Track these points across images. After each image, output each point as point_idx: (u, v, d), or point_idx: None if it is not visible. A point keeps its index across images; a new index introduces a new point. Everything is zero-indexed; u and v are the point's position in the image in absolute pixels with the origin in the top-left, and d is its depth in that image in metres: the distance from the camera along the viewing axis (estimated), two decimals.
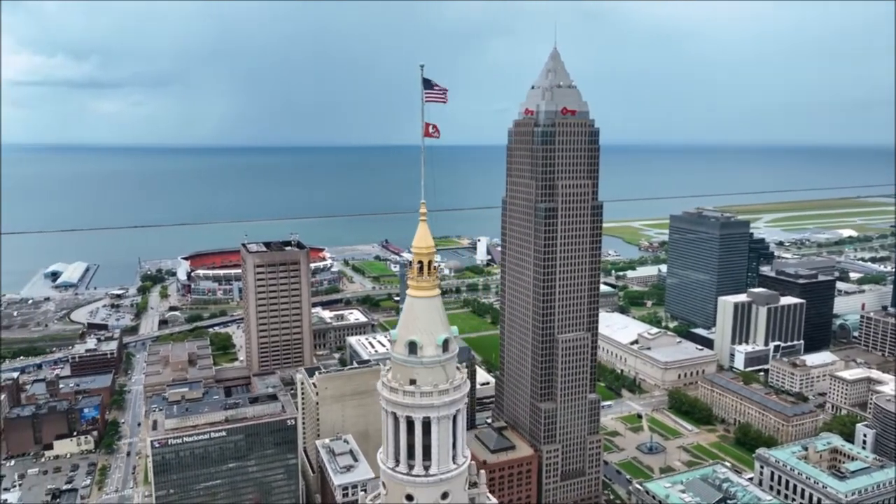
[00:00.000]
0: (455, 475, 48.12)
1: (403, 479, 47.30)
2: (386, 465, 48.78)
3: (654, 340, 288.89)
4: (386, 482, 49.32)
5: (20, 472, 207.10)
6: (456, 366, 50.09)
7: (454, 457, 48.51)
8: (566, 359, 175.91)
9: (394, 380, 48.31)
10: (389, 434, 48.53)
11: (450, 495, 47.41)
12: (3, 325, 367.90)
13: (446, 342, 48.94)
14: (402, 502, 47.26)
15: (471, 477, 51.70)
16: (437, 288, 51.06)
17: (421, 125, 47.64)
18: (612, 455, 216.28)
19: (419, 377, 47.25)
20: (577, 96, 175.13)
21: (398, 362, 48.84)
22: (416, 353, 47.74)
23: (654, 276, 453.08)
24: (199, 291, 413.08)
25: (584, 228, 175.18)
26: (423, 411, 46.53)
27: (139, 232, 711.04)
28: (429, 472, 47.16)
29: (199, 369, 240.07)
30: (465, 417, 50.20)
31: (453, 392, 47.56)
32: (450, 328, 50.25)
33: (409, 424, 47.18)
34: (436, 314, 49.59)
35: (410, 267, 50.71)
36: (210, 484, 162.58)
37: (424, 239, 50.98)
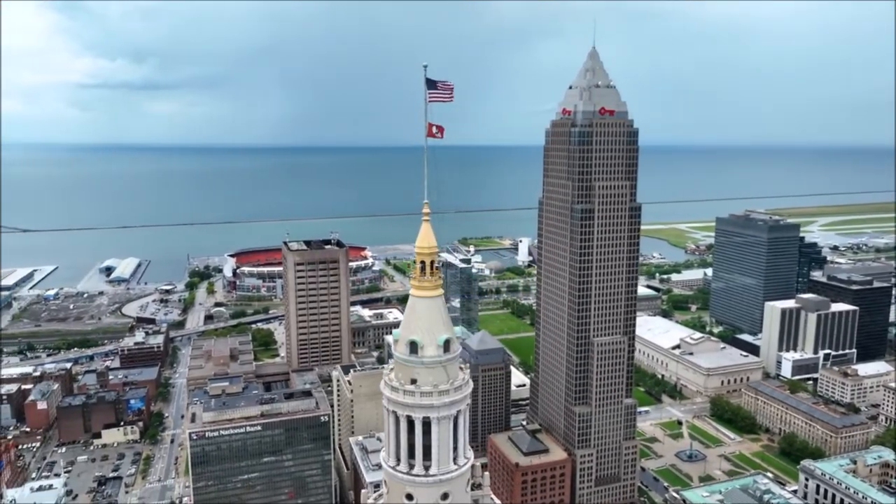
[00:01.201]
0: (455, 476, 47.94)
1: (403, 478, 47.39)
2: (387, 464, 48.98)
3: (696, 345, 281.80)
4: (387, 481, 49.53)
5: (70, 459, 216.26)
6: (459, 366, 49.88)
7: (455, 458, 48.33)
8: (602, 362, 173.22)
9: (395, 379, 48.46)
10: (391, 433, 48.68)
11: (450, 496, 47.26)
12: (60, 317, 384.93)
13: (447, 342, 48.78)
14: (402, 502, 47.38)
15: (475, 479, 51.46)
16: (439, 288, 50.94)
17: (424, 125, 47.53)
18: (649, 461, 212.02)
19: (420, 377, 47.26)
20: (615, 96, 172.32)
21: (399, 362, 48.97)
22: (416, 352, 47.76)
23: (700, 280, 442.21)
24: (243, 288, 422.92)
25: (621, 230, 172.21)
26: (423, 411, 46.50)
27: (189, 229, 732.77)
28: (429, 473, 47.11)
29: (241, 364, 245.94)
30: (467, 418, 49.93)
31: (454, 393, 47.38)
32: (452, 329, 50.08)
33: (410, 424, 47.23)
34: (437, 314, 49.49)
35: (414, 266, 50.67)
36: (247, 477, 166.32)
37: (427, 239, 50.97)
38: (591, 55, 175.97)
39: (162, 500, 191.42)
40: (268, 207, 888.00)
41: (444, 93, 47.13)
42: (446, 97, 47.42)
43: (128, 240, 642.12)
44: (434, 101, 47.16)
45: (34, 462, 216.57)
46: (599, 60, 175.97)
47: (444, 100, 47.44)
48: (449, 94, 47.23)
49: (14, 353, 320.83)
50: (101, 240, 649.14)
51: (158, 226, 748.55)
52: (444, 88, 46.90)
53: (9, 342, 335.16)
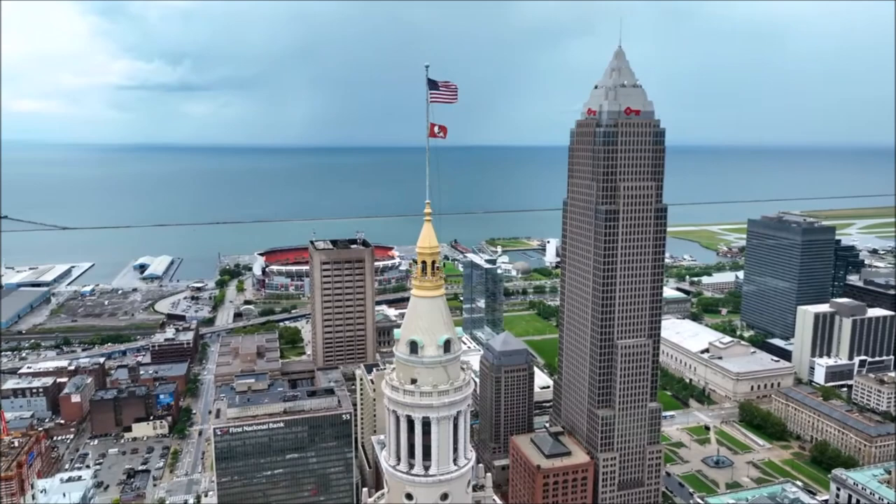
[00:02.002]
0: (455, 477, 47.80)
1: (403, 477, 47.44)
2: (388, 464, 49.08)
3: (726, 350, 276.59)
4: (388, 480, 49.63)
5: (101, 452, 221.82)
6: (461, 367, 49.71)
7: (455, 458, 48.19)
8: (625, 365, 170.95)
9: (396, 378, 48.50)
10: (391, 432, 48.76)
11: (450, 496, 47.15)
12: (96, 313, 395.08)
13: (448, 343, 48.64)
14: (402, 501, 47.44)
15: (478, 480, 51.24)
16: (440, 288, 50.85)
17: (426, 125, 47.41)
18: (675, 466, 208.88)
19: (420, 377, 47.25)
20: (641, 96, 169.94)
21: (400, 361, 49.03)
22: (416, 352, 47.75)
23: (731, 283, 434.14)
24: (272, 286, 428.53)
25: (646, 232, 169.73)
26: (423, 411, 46.47)
27: (221, 228, 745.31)
28: (428, 473, 47.07)
29: (267, 361, 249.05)
30: (467, 419, 49.73)
31: (454, 393, 47.25)
32: (453, 329, 49.92)
33: (410, 424, 47.27)
34: (438, 315, 49.39)
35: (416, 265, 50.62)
36: (271, 473, 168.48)
37: (429, 239, 50.93)
38: (616, 54, 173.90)
39: (188, 493, 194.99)
40: (297, 207, 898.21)
41: (446, 93, 46.93)
42: (449, 98, 47.22)
43: (162, 238, 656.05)
44: (435, 101, 47.02)
45: (68, 453, 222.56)
46: (625, 60, 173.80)
47: (447, 100, 47.25)
48: (452, 94, 47.02)
49: (51, 346, 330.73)
50: (136, 238, 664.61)
51: (191, 224, 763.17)
52: (447, 89, 46.70)
53: (47, 336, 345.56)
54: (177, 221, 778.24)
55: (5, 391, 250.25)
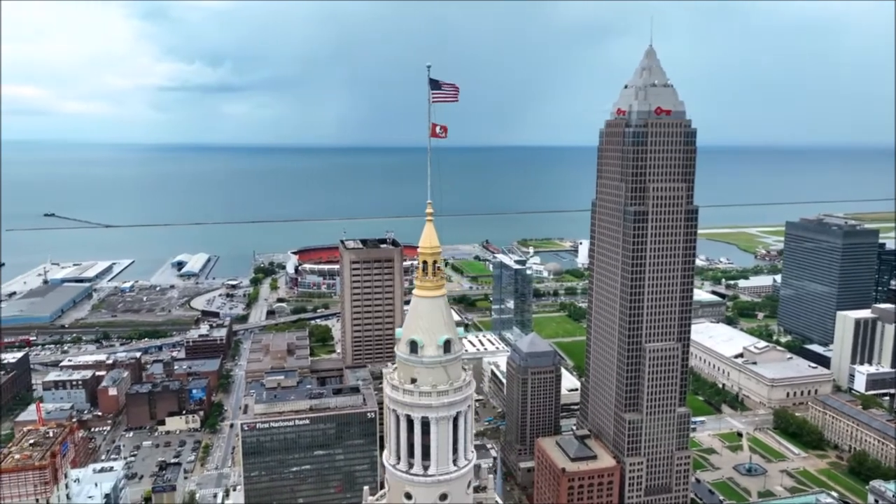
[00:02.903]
0: (455, 477, 47.60)
1: (402, 477, 47.44)
2: (388, 462, 49.14)
3: (760, 355, 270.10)
4: (388, 479, 49.71)
5: (136, 444, 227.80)
6: (462, 367, 49.52)
7: (455, 459, 47.99)
8: (653, 369, 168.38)
9: (397, 378, 48.58)
10: (391, 432, 48.81)
11: (449, 497, 46.98)
12: (134, 308, 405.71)
13: (448, 343, 48.45)
14: (402, 501, 47.44)
15: (481, 481, 50.98)
16: (441, 288, 50.72)
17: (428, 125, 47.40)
18: (705, 473, 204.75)
19: (419, 377, 47.21)
20: (672, 95, 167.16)
21: (401, 361, 49.11)
22: (416, 352, 47.72)
23: (769, 287, 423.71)
24: (304, 285, 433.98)
25: (676, 233, 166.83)
26: (422, 411, 46.42)
27: (257, 226, 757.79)
28: (427, 473, 46.98)
29: (297, 359, 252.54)
30: (469, 420, 49.50)
31: (453, 394, 47.06)
32: (454, 329, 49.67)
33: (409, 423, 47.26)
34: (439, 315, 49.24)
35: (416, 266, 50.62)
36: (298, 469, 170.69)
37: (430, 239, 50.88)
38: (647, 54, 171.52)
39: (218, 487, 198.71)
40: (330, 206, 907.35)
41: (448, 94, 46.89)
42: (451, 98, 47.15)
43: (199, 236, 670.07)
44: (437, 101, 46.99)
45: (104, 445, 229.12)
46: (656, 59, 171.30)
47: (449, 100, 47.19)
48: (454, 95, 46.93)
49: (92, 340, 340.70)
50: (174, 235, 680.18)
51: (228, 223, 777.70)
52: (449, 89, 46.66)
53: (88, 331, 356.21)
54: (214, 220, 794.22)
55: (47, 383, 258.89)
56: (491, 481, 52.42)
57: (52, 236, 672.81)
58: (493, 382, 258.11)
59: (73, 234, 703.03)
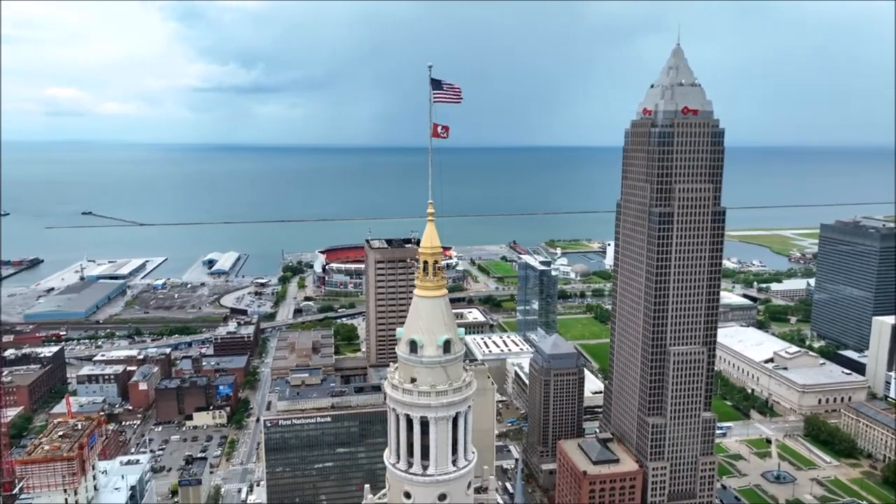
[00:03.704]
0: (454, 478, 47.56)
1: (401, 476, 47.57)
2: (388, 461, 49.28)
3: (792, 360, 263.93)
4: (389, 478, 49.85)
5: (164, 438, 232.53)
6: (463, 367, 49.41)
7: (455, 460, 47.93)
8: (678, 373, 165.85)
9: (397, 377, 48.72)
10: (392, 431, 48.98)
11: (448, 497, 46.96)
12: (166, 305, 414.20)
13: (448, 343, 48.41)
14: (401, 500, 47.55)
15: (483, 482, 50.81)
16: (442, 289, 50.73)
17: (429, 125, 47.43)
18: (731, 480, 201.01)
19: (419, 376, 47.29)
20: (699, 95, 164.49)
21: (401, 360, 49.30)
22: (416, 352, 47.80)
23: (802, 291, 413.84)
24: (332, 284, 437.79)
25: (702, 236, 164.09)
26: (421, 410, 46.47)
27: (286, 225, 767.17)
28: (426, 472, 47.02)
29: (322, 357, 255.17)
30: (469, 420, 49.37)
31: (453, 394, 47.01)
32: (454, 330, 49.61)
33: (409, 423, 47.36)
34: (439, 315, 49.25)
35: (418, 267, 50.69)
36: (321, 466, 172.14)
37: (431, 239, 50.99)
38: (674, 52, 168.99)
39: (243, 482, 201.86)
40: (358, 206, 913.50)
41: (450, 94, 46.86)
42: (453, 98, 47.12)
43: (230, 235, 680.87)
44: (439, 101, 46.99)
45: (134, 438, 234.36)
46: (684, 58, 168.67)
47: (451, 101, 47.16)
48: (455, 95, 46.89)
49: (124, 336, 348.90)
50: (206, 234, 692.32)
51: (258, 222, 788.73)
52: (450, 89, 46.63)
53: (121, 326, 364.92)
54: (244, 219, 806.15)
55: (81, 377, 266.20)
56: (493, 482, 52.17)
57: (89, 234, 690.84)
58: (516, 384, 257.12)
59: (109, 232, 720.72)
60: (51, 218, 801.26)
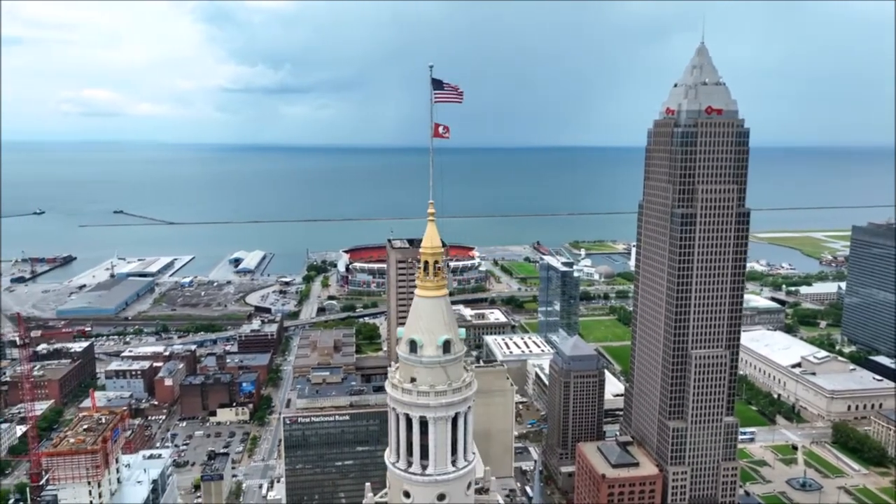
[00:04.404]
0: (453, 478, 47.49)
1: (401, 475, 47.66)
2: (388, 460, 49.42)
3: (820, 365, 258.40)
4: (389, 477, 49.99)
5: (189, 433, 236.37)
6: (464, 367, 49.31)
7: (455, 460, 47.87)
8: (700, 376, 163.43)
9: (398, 377, 48.84)
10: (392, 430, 49.11)
11: (447, 497, 46.91)
12: (193, 303, 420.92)
13: (447, 343, 48.36)
14: (401, 500, 47.65)
15: (485, 483, 50.68)
16: (443, 289, 50.66)
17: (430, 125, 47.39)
18: (755, 486, 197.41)
19: (419, 376, 47.34)
20: (724, 94, 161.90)
21: (402, 360, 49.41)
22: (416, 351, 47.86)
23: (833, 294, 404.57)
24: (355, 283, 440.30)
25: (726, 237, 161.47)
26: (420, 410, 46.51)
27: (311, 225, 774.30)
28: (425, 472, 47.05)
29: (343, 356, 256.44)
30: (469, 421, 49.26)
31: (452, 394, 46.96)
32: (455, 330, 49.53)
33: (409, 422, 47.43)
34: (439, 315, 49.21)
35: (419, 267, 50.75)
36: (341, 464, 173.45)
37: (432, 239, 50.92)
38: (698, 51, 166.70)
39: (264, 478, 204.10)
40: (384, 205, 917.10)
41: (451, 94, 46.80)
42: (454, 98, 47.06)
43: (256, 233, 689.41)
44: (440, 101, 46.97)
45: (159, 433, 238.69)
46: (708, 56, 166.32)
47: (452, 101, 47.09)
48: (457, 95, 46.81)
49: (152, 333, 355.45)
50: (232, 233, 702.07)
51: (284, 221, 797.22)
52: (452, 89, 46.58)
53: (149, 323, 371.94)
54: (270, 218, 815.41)
55: (109, 372, 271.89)
56: (494, 483, 52.06)
57: (120, 232, 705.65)
58: (537, 385, 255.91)
59: (139, 231, 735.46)
60: (84, 216, 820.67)
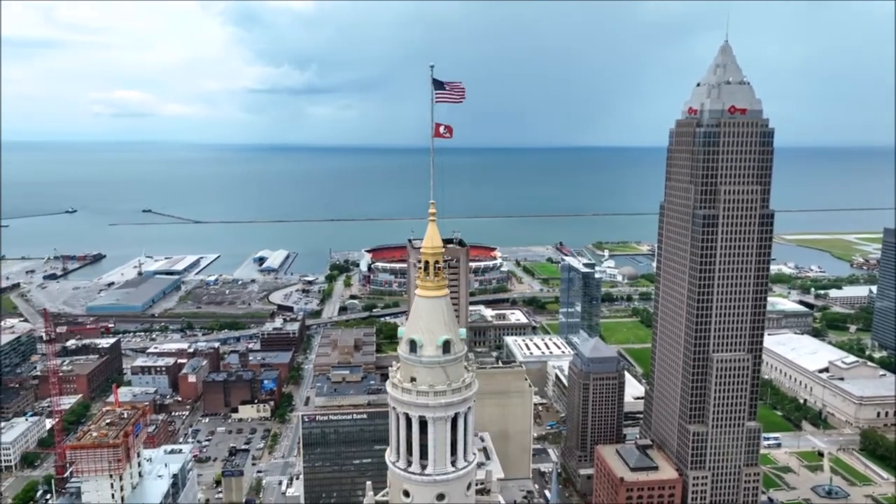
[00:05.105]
0: (452, 478, 47.39)
1: (400, 474, 47.72)
2: (388, 459, 49.51)
3: (848, 370, 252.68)
4: (389, 476, 50.07)
5: (211, 429, 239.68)
6: (465, 366, 49.19)
7: (454, 461, 47.76)
8: (721, 380, 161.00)
9: (398, 376, 48.91)
10: (392, 429, 49.20)
11: (446, 497, 46.84)
12: (217, 301, 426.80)
13: (447, 343, 48.26)
14: (401, 499, 47.70)
15: (487, 484, 50.49)
16: (443, 289, 50.60)
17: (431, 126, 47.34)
18: (778, 493, 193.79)
19: (418, 376, 47.35)
20: (748, 93, 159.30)
21: (402, 359, 49.47)
22: (415, 351, 47.87)
23: (864, 298, 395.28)
24: (376, 283, 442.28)
25: (749, 239, 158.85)
26: (419, 410, 46.50)
27: (333, 225, 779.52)
28: (424, 472, 47.04)
29: (363, 355, 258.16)
30: (469, 422, 49.13)
31: (451, 394, 46.87)
32: (455, 330, 49.42)
33: (408, 421, 47.45)
34: (439, 315, 49.15)
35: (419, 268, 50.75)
36: (359, 462, 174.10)
37: (432, 239, 50.91)
38: (722, 50, 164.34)
39: (283, 475, 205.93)
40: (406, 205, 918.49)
41: (452, 94, 46.71)
42: (455, 98, 46.96)
43: (280, 233, 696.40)
44: (441, 101, 46.92)
45: (182, 428, 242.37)
46: (732, 55, 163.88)
47: (453, 100, 46.99)
48: (458, 95, 46.69)
49: (177, 330, 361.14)
50: (257, 232, 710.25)
51: (308, 221, 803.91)
52: (453, 89, 46.48)
53: (174, 320, 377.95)
54: (294, 218, 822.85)
55: (135, 368, 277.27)
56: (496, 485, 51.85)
57: (148, 231, 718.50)
58: (557, 387, 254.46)
59: (166, 229, 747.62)
60: (114, 215, 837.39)
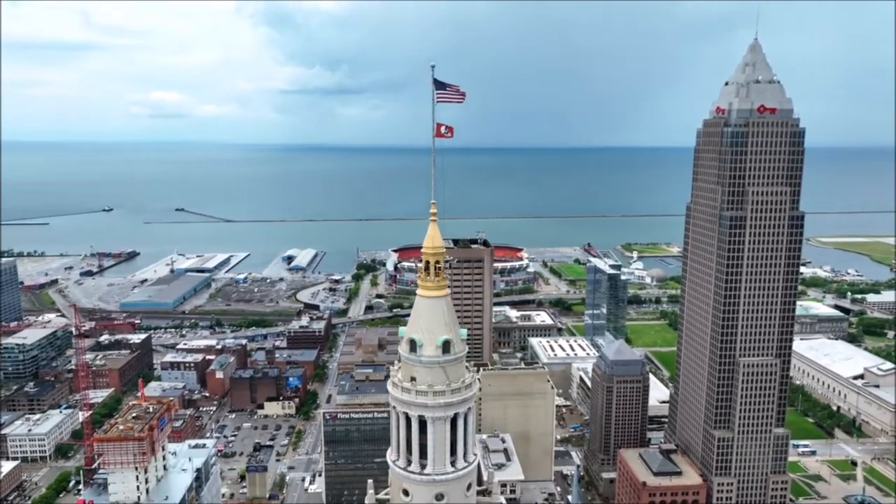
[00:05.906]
0: (452, 478, 47.13)
1: (400, 473, 47.64)
2: (390, 459, 49.47)
3: (885, 377, 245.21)
4: (390, 475, 50.01)
5: (237, 425, 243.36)
6: (465, 366, 48.88)
7: (454, 461, 47.46)
8: (748, 385, 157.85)
9: (399, 375, 48.81)
10: (393, 428, 49.11)
11: (446, 497, 46.59)
12: (246, 298, 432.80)
13: (447, 344, 48.00)
14: (401, 498, 47.61)
15: (488, 485, 50.07)
16: (444, 289, 50.30)
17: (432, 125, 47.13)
18: (808, 502, 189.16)
19: (418, 376, 47.19)
20: (778, 92, 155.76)
21: (403, 359, 49.36)
22: (415, 351, 47.71)
23: None
24: (403, 282, 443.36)
25: (778, 241, 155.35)
26: (419, 410, 46.35)
27: (361, 224, 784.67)
28: (423, 471, 46.85)
29: (387, 354, 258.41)
30: (469, 422, 48.79)
31: (451, 395, 46.59)
32: (455, 330, 49.13)
33: (408, 421, 47.33)
34: (440, 315, 48.90)
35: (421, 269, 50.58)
36: (380, 461, 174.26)
37: (433, 239, 50.69)
38: (751, 48, 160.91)
39: (307, 471, 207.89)
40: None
41: (452, 94, 46.52)
42: (456, 98, 46.74)
43: (309, 232, 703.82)
44: (442, 101, 46.76)
45: (209, 423, 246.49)
46: (762, 53, 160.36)
47: (454, 101, 46.79)
48: (458, 95, 46.46)
49: (206, 326, 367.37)
50: (286, 231, 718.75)
51: (336, 220, 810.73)
52: (453, 90, 46.30)
53: (204, 317, 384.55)
54: (323, 217, 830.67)
55: (164, 363, 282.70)
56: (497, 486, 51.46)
57: (181, 229, 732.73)
58: (581, 389, 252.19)
59: (198, 228, 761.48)
60: (149, 214, 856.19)
